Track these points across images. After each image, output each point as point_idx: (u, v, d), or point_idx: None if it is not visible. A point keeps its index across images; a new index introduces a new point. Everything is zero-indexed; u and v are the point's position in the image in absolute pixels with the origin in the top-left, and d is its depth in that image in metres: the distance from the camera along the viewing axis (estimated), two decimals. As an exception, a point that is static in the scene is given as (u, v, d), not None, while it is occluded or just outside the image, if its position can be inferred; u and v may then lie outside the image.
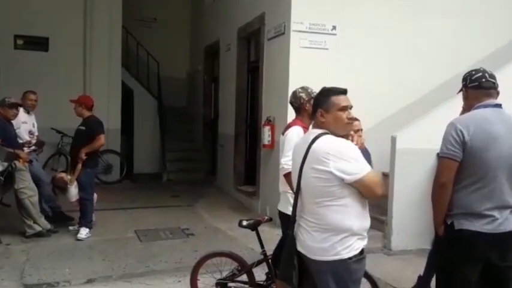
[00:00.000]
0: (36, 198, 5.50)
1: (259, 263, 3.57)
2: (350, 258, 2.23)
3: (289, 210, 3.21)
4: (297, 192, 2.33)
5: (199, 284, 3.69)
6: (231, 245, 5.22)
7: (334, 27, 6.26)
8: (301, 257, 2.31)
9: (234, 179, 8.44)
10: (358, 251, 2.25)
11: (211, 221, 6.73)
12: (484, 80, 2.67)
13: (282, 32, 6.37)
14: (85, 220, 5.73)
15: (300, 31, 6.15)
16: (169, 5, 11.86)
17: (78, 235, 5.58)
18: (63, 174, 5.77)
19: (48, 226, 5.62)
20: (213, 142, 10.20)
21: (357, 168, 2.20)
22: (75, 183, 5.66)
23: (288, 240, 2.35)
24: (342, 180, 2.18)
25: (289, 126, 3.41)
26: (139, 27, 11.41)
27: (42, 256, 4.92)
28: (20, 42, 9.35)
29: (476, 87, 2.68)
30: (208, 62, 10.54)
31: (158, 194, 8.72)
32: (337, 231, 2.22)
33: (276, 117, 6.55)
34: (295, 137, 3.23)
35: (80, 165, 5.61)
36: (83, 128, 5.78)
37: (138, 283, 4.27)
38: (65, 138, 8.98)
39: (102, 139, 5.76)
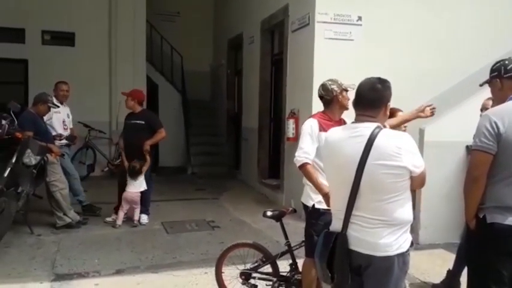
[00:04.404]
0: (66, 191, 5.63)
1: (283, 254, 3.58)
2: (407, 251, 2.22)
3: (309, 203, 3.28)
4: (356, 191, 2.18)
5: (224, 275, 3.72)
6: (256, 237, 5.21)
7: (359, 18, 6.17)
8: (350, 256, 2.23)
9: (258, 172, 8.44)
10: (410, 243, 2.25)
11: (236, 213, 6.76)
12: None
13: (306, 23, 6.32)
14: (146, 207, 6.12)
15: (324, 22, 6.08)
16: (192, -2, 11.91)
17: (141, 221, 5.99)
18: (137, 163, 5.84)
19: (78, 218, 5.75)
20: (237, 135, 10.22)
21: (421, 160, 2.21)
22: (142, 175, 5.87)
23: (339, 240, 2.23)
24: (410, 173, 2.17)
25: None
26: (163, 21, 11.48)
27: (73, 247, 5.03)
28: (47, 37, 9.56)
29: None
30: (232, 55, 10.54)
31: (183, 187, 8.81)
32: (402, 225, 2.20)
33: (300, 109, 6.51)
34: (308, 129, 3.23)
35: (148, 157, 5.86)
36: (141, 122, 5.93)
37: (166, 274, 4.33)
38: (92, 132, 9.15)
39: (163, 132, 6.04)
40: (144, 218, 6.05)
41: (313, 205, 3.23)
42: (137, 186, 5.86)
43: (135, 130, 5.94)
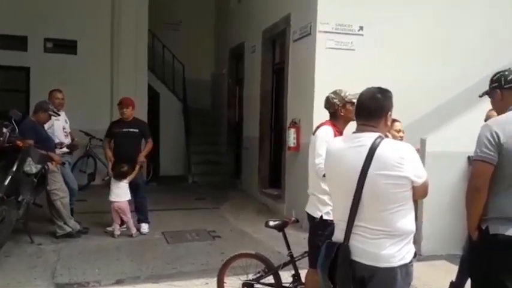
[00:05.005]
0: (67, 200, 5.60)
1: (285, 264, 3.56)
2: (410, 262, 2.21)
3: (316, 214, 3.22)
4: (357, 201, 2.17)
5: (226, 286, 3.69)
6: (258, 247, 5.17)
7: (361, 28, 6.20)
8: (353, 267, 2.21)
9: (258, 181, 8.42)
10: (413, 254, 2.24)
11: (237, 223, 6.73)
12: None
13: (308, 33, 6.34)
14: (144, 216, 6.07)
15: (326, 32, 6.12)
16: (195, 8, 11.93)
17: (142, 230, 5.96)
18: (126, 166, 5.78)
19: (78, 227, 5.72)
20: (238, 145, 10.21)
21: (423, 170, 2.21)
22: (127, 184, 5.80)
23: (341, 251, 2.21)
24: (412, 183, 2.16)
25: (320, 126, 3.38)
26: (165, 30, 11.53)
27: (73, 256, 5.00)
28: (49, 45, 9.56)
29: None
30: (233, 64, 10.57)
31: (184, 196, 8.78)
32: (405, 236, 2.19)
33: (302, 119, 6.51)
34: (324, 135, 3.21)
35: (137, 168, 5.89)
36: (136, 130, 5.95)
37: (166, 284, 4.29)
38: (93, 141, 9.14)
39: (151, 142, 6.15)
40: (145, 227, 6.01)
41: (321, 216, 3.18)
42: (120, 195, 5.77)
43: (129, 138, 5.93)
